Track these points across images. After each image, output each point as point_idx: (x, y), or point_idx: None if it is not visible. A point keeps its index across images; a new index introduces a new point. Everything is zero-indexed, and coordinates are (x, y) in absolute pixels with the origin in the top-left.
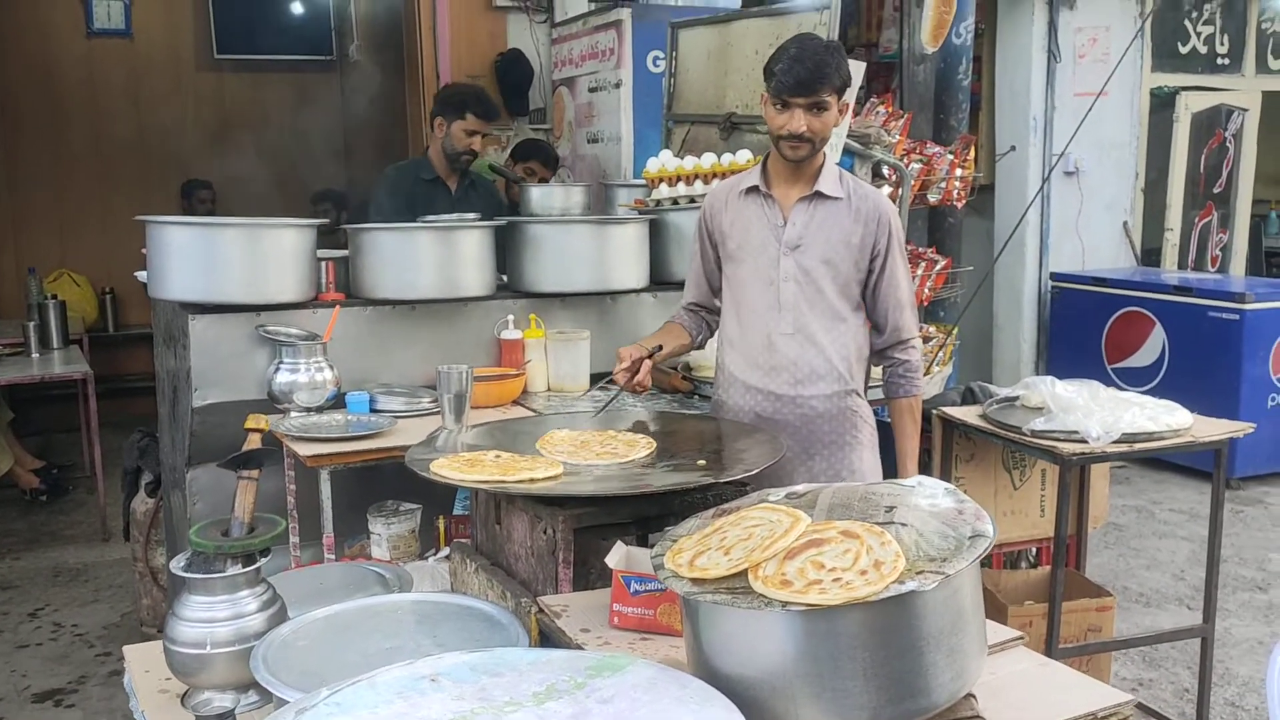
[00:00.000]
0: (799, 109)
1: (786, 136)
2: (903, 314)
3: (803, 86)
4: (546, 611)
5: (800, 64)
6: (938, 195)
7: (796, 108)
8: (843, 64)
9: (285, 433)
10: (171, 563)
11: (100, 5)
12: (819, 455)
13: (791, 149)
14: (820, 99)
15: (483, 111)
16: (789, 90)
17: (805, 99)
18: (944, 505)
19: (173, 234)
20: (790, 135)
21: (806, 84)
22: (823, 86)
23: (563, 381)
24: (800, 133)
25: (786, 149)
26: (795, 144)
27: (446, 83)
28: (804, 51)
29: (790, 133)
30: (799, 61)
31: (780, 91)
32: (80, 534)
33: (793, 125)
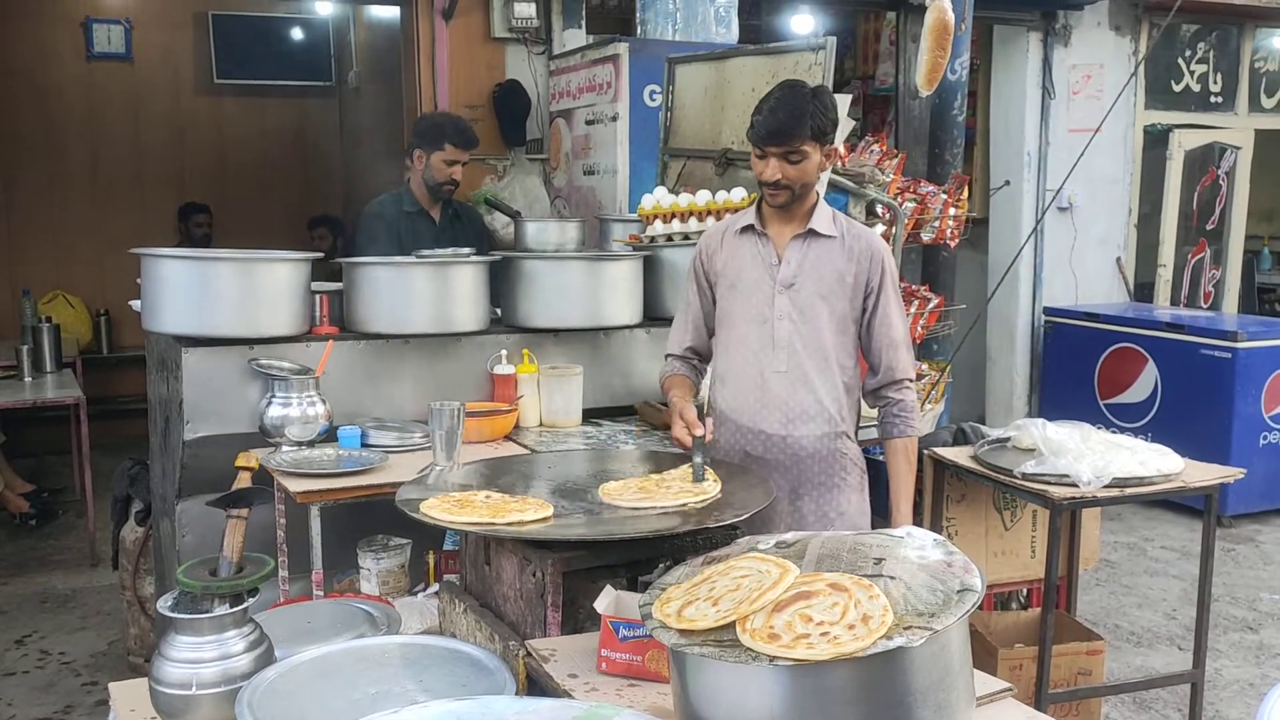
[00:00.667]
0: (774, 158)
1: (765, 183)
2: (897, 353)
3: (774, 137)
4: (534, 655)
5: (775, 114)
6: (931, 234)
7: (772, 156)
8: (825, 110)
9: (276, 467)
10: (159, 602)
11: (100, 29)
12: (807, 496)
13: (770, 196)
14: (794, 148)
15: (461, 140)
16: (762, 140)
17: (779, 148)
18: (933, 558)
19: (167, 267)
20: (766, 183)
21: (779, 134)
22: (796, 136)
23: (555, 417)
24: (776, 180)
25: (767, 194)
26: (773, 191)
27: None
28: (781, 102)
29: (765, 180)
30: (774, 112)
31: (756, 141)
32: (69, 559)
33: (768, 174)
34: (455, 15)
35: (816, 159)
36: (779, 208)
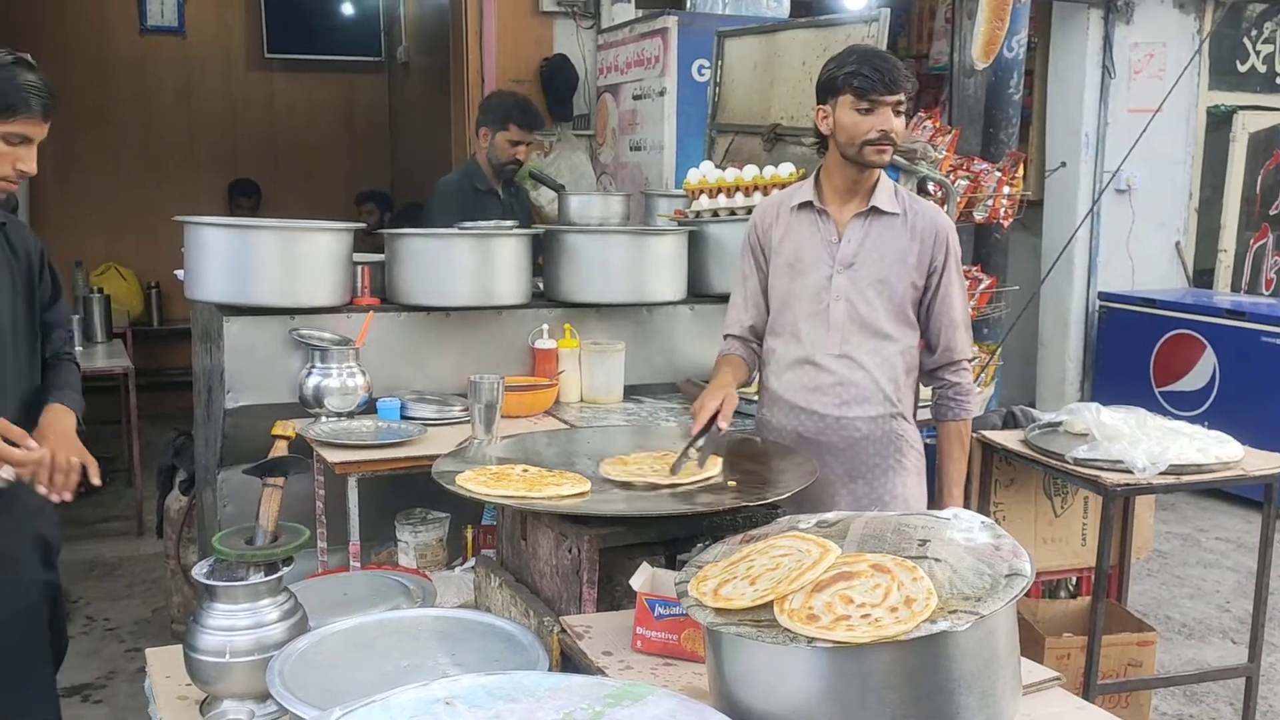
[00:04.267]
0: (887, 109)
1: (876, 139)
2: (956, 334)
3: (892, 85)
4: (569, 632)
5: (880, 60)
6: (984, 213)
7: (885, 107)
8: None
9: (315, 438)
10: (195, 569)
11: (154, 3)
12: (861, 479)
13: (878, 152)
14: (901, 98)
15: (526, 121)
16: (876, 89)
17: (894, 96)
18: (980, 540)
19: (210, 236)
20: (881, 136)
21: (892, 83)
22: (903, 85)
23: (596, 393)
24: (889, 131)
25: (873, 153)
26: (884, 146)
27: (491, 90)
28: (871, 53)
29: (881, 132)
30: (877, 58)
31: (868, 91)
32: (117, 528)
33: (884, 124)
34: None
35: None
36: (882, 166)
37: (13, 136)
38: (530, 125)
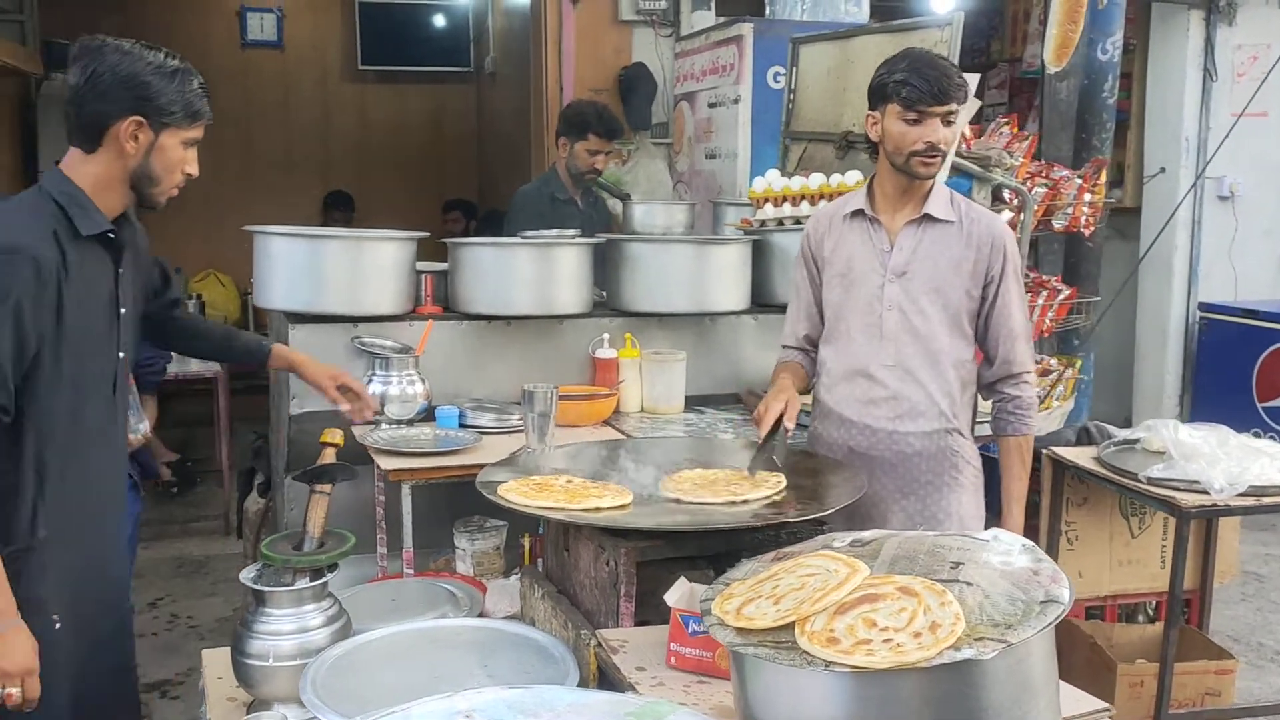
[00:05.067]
0: (935, 119)
1: (923, 150)
2: (1015, 345)
3: (939, 95)
4: (604, 646)
5: (930, 69)
6: (1064, 221)
7: (933, 118)
8: (962, 75)
9: (373, 444)
10: (242, 573)
11: (254, 17)
12: (914, 495)
13: (925, 164)
14: (952, 108)
15: (605, 131)
16: (927, 98)
17: (942, 108)
18: (1018, 564)
19: (277, 244)
20: (929, 148)
21: (942, 92)
22: (954, 95)
23: (656, 403)
24: (937, 143)
25: (919, 165)
26: (931, 158)
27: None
28: (928, 61)
29: (928, 144)
30: (930, 69)
31: (915, 101)
32: (205, 527)
33: (930, 136)
34: None
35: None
36: (930, 177)
37: (191, 141)
38: (609, 135)
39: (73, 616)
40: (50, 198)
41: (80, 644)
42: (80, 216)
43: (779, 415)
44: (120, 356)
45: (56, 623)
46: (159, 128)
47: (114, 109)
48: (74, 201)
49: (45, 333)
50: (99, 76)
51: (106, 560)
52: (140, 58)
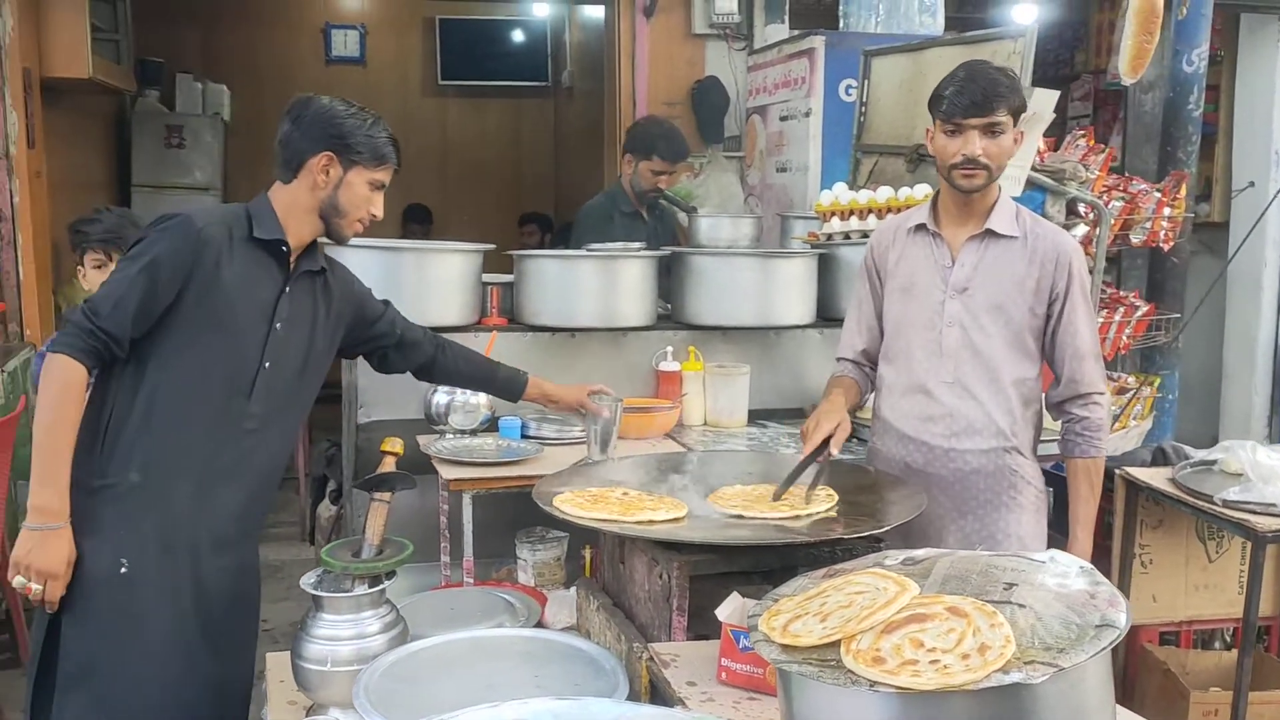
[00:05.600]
0: (974, 131)
1: (960, 163)
2: (1082, 365)
3: (976, 107)
4: (656, 659)
5: (972, 83)
6: (1142, 236)
7: (971, 130)
8: (1017, 86)
9: (436, 454)
10: (303, 579)
11: (338, 34)
12: (972, 514)
13: (965, 176)
14: (995, 120)
15: (670, 153)
16: (962, 111)
17: (980, 119)
18: (1074, 587)
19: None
20: (965, 160)
21: (980, 104)
22: (998, 106)
23: (720, 416)
24: (975, 156)
25: (960, 177)
26: (970, 170)
27: (643, 114)
28: (974, 72)
29: (965, 157)
30: (971, 81)
31: (953, 113)
32: (284, 533)
33: (967, 149)
34: (656, 12)
35: (1011, 138)
36: (972, 191)
37: (377, 183)
38: (674, 157)
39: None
40: (244, 208)
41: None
42: (260, 222)
43: (826, 437)
44: (265, 366)
45: (123, 567)
46: (348, 165)
47: (311, 146)
48: (261, 213)
49: (188, 298)
50: (303, 119)
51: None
52: (337, 106)
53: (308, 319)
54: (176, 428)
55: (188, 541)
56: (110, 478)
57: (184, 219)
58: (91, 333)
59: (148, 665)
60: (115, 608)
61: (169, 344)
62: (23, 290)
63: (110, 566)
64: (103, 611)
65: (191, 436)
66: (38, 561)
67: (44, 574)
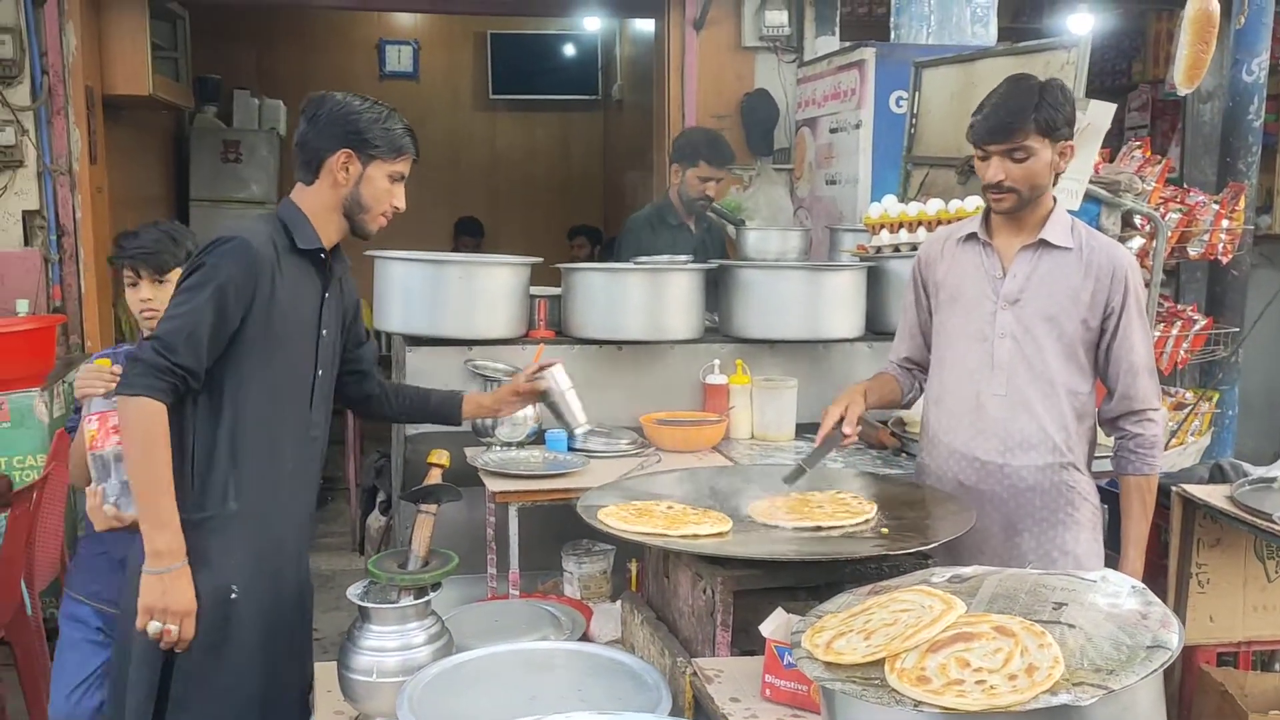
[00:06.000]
0: (996, 157)
1: (989, 186)
2: (1136, 380)
3: (995, 133)
4: (700, 675)
5: (998, 109)
6: (1200, 248)
7: (995, 155)
8: (1056, 104)
9: (482, 466)
10: (349, 590)
11: (392, 50)
12: (1027, 532)
13: (994, 200)
14: (1018, 144)
15: (715, 158)
16: (982, 138)
17: (1000, 145)
18: (1126, 607)
19: (394, 268)
20: (992, 185)
21: (999, 130)
22: (1019, 132)
23: (767, 430)
24: (998, 181)
25: (990, 200)
26: (997, 195)
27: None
28: (1005, 95)
29: (988, 183)
30: (997, 107)
31: (976, 140)
32: (334, 543)
33: (989, 175)
34: (706, 25)
35: (1047, 157)
36: (1005, 214)
37: (396, 175)
38: (719, 162)
39: (252, 591)
40: (277, 217)
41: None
42: (299, 232)
43: (838, 420)
44: (319, 374)
45: (234, 593)
46: (367, 160)
47: (329, 144)
48: (295, 221)
49: (253, 320)
50: (318, 119)
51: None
52: (351, 102)
53: (338, 320)
54: (263, 451)
55: (288, 557)
56: (209, 510)
57: (241, 242)
58: (170, 370)
59: (249, 678)
60: (224, 630)
61: (241, 367)
62: (84, 303)
63: (223, 594)
64: (213, 634)
65: (277, 456)
66: (171, 604)
67: (178, 615)
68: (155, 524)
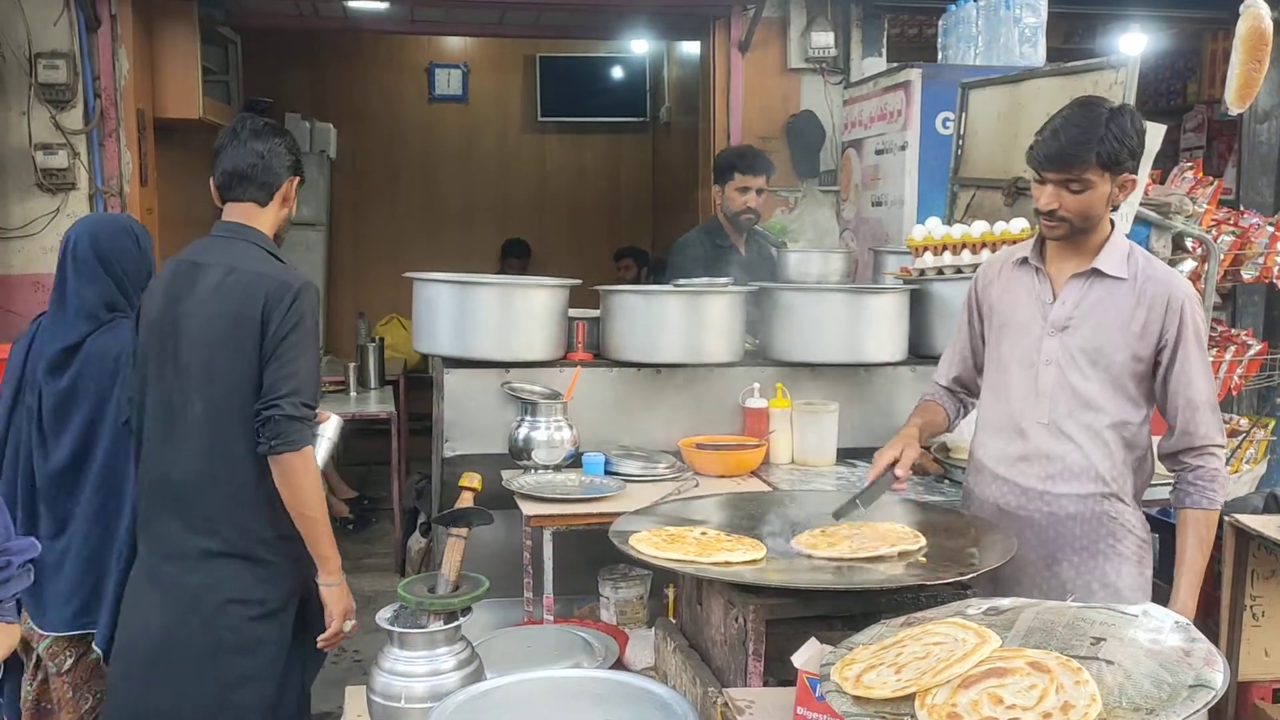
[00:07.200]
0: (1052, 184)
1: (1043, 213)
2: (1197, 415)
3: (1053, 161)
4: (731, 705)
5: (1059, 135)
6: (1254, 271)
7: (1051, 183)
8: (1123, 135)
9: (518, 489)
10: (379, 614)
11: (442, 74)
12: (1066, 561)
13: (1047, 228)
14: (1076, 175)
15: (747, 166)
16: (1040, 164)
17: (1059, 174)
18: (1168, 644)
19: (433, 290)
20: (1045, 212)
21: (1058, 158)
22: (1079, 162)
23: (807, 455)
24: (1051, 210)
25: (1043, 226)
26: (1050, 224)
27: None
28: (1069, 121)
29: (1040, 209)
30: (1059, 133)
31: (1034, 164)
32: (378, 564)
33: (1043, 202)
34: (752, 47)
35: (1105, 190)
36: (1056, 240)
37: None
38: (752, 170)
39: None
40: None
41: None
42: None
43: (891, 462)
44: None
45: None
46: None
47: (285, 171)
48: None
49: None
50: (277, 146)
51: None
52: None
53: None
54: None
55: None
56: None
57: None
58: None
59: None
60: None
61: None
62: None
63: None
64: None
65: None
66: (350, 604)
67: (351, 612)
68: (329, 546)
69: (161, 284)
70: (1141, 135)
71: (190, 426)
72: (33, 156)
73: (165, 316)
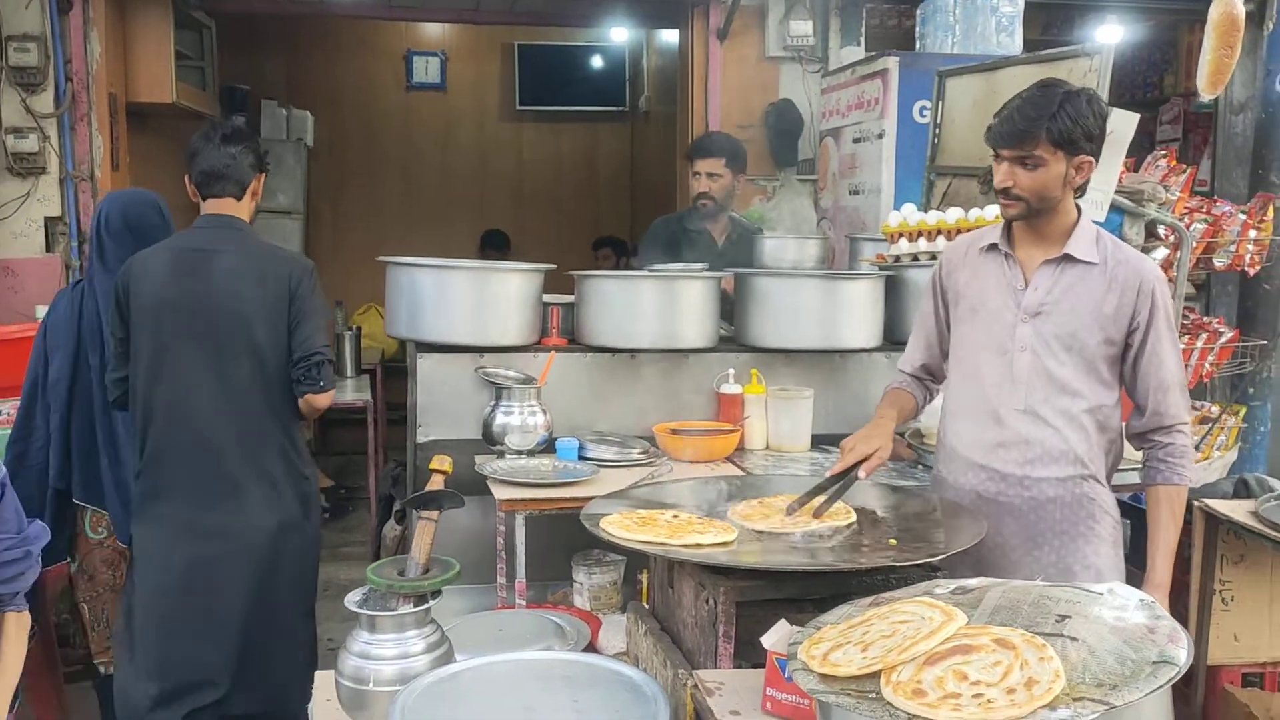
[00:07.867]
0: (1007, 161)
1: (1000, 191)
2: (1166, 396)
3: (1006, 138)
4: (701, 687)
5: (1016, 113)
6: (1226, 259)
7: (1005, 160)
8: (1076, 116)
9: (491, 474)
10: (347, 597)
11: (420, 61)
12: (1047, 545)
13: (1004, 206)
14: (1029, 153)
15: (698, 149)
16: (994, 140)
17: (1011, 151)
18: (1132, 621)
19: (406, 274)
20: (1001, 190)
21: (1010, 135)
22: (1029, 139)
23: (782, 440)
24: (1006, 187)
25: (1001, 205)
26: (1006, 201)
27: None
28: (1027, 101)
29: (997, 187)
30: (1016, 111)
31: (990, 142)
32: (354, 553)
33: (998, 179)
34: (730, 36)
35: (1059, 170)
36: (1014, 220)
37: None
38: (702, 153)
39: None
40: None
41: None
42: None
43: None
44: None
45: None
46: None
47: (255, 168)
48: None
49: None
50: (245, 148)
51: None
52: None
53: None
54: None
55: None
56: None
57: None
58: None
59: None
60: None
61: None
62: None
63: None
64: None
65: None
66: None
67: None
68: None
69: (163, 268)
70: (1100, 119)
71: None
72: (3, 140)
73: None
